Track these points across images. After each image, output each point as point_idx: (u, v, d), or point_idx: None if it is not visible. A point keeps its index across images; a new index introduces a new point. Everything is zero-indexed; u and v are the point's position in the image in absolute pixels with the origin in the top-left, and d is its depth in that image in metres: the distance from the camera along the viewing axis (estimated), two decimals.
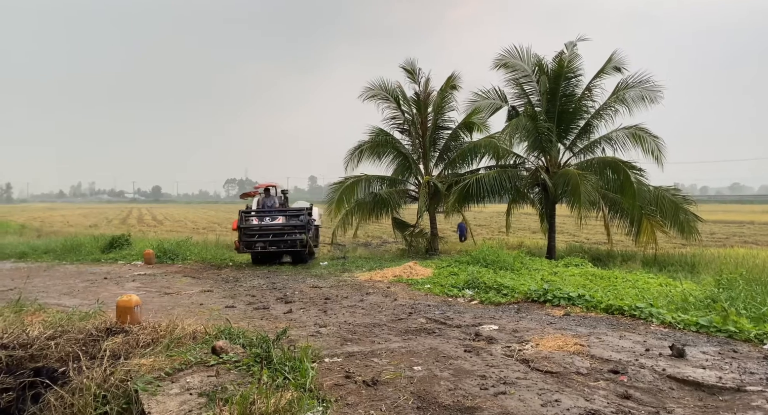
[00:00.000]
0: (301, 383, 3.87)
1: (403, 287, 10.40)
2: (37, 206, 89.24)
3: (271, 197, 15.80)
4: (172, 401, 3.44)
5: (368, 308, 8.20)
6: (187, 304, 8.81)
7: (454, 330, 6.51)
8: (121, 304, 5.55)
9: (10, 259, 16.73)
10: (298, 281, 11.34)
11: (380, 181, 17.88)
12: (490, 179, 15.38)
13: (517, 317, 7.41)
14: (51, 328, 4.90)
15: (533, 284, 9.22)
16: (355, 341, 5.95)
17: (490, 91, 16.86)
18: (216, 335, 5.04)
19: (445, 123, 17.89)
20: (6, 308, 6.13)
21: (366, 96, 17.74)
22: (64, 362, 4.18)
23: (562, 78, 15.47)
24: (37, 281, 11.72)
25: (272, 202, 15.65)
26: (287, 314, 7.83)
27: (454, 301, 8.93)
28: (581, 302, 7.92)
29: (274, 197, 15.85)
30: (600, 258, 15.62)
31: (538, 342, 5.73)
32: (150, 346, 4.56)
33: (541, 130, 15.38)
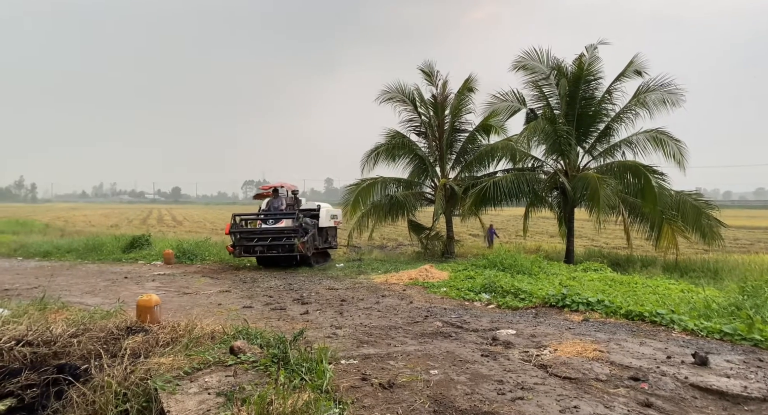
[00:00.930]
0: (318, 384, 3.88)
1: (419, 290, 10.37)
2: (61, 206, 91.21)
3: (279, 198, 15.21)
4: (190, 400, 3.48)
5: (384, 310, 8.19)
6: (205, 304, 8.90)
7: (470, 334, 6.47)
8: (142, 303, 5.62)
9: (35, 257, 17.11)
10: (315, 283, 11.38)
11: (396, 184, 17.89)
12: (507, 182, 15.28)
13: (534, 321, 7.34)
14: (74, 326, 4.99)
15: (551, 289, 9.11)
16: (371, 343, 5.94)
17: (508, 94, 16.78)
18: (234, 335, 5.08)
19: (462, 125, 17.86)
20: (31, 305, 6.26)
21: (383, 99, 17.80)
22: (86, 359, 4.25)
23: (581, 81, 15.32)
24: (60, 280, 11.96)
25: (279, 203, 15.03)
26: (304, 315, 7.87)
27: (471, 305, 8.87)
28: (600, 307, 7.81)
29: (282, 198, 15.26)
30: (619, 263, 15.41)
31: (557, 347, 5.66)
32: (169, 345, 4.62)
33: (560, 133, 15.24)
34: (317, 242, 14.56)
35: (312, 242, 13.97)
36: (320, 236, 14.85)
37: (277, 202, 15.02)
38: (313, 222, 14.59)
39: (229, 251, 14.40)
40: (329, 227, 15.44)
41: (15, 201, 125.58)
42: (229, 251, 14.40)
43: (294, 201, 15.46)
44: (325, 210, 15.29)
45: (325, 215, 15.11)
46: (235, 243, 13.97)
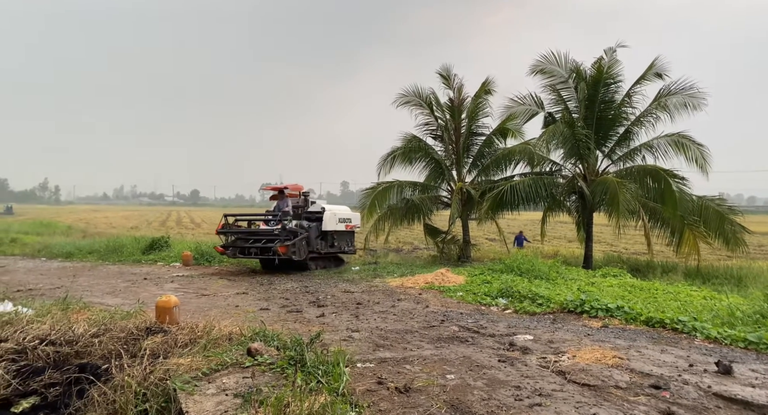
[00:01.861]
0: (334, 387, 3.88)
1: (435, 294, 10.33)
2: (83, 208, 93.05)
3: (284, 200, 14.74)
4: (208, 401, 3.51)
5: (400, 314, 8.17)
6: (223, 305, 8.99)
7: (487, 339, 6.42)
8: (161, 304, 5.69)
9: (58, 258, 17.47)
10: (331, 286, 11.41)
11: (412, 187, 17.87)
12: (525, 186, 15.16)
13: (552, 327, 7.25)
14: (95, 326, 5.08)
15: (569, 294, 9.00)
16: (387, 347, 5.93)
17: (526, 97, 16.67)
18: (251, 336, 5.12)
19: (479, 129, 17.78)
20: (54, 305, 6.39)
21: (400, 102, 17.81)
22: (106, 359, 4.32)
23: (601, 84, 15.15)
24: (82, 280, 12.19)
25: (285, 204, 14.58)
26: (320, 317, 7.89)
27: (487, 309, 8.81)
28: (620, 313, 7.69)
29: (288, 200, 14.77)
30: (639, 269, 15.17)
31: (575, 354, 5.58)
32: (188, 346, 4.67)
33: (579, 136, 15.08)
34: (318, 246, 14.02)
35: (303, 247, 13.33)
36: (323, 241, 14.30)
37: (282, 203, 14.69)
38: (310, 225, 13.96)
39: (218, 251, 14.17)
40: (338, 231, 14.70)
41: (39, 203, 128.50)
42: (218, 251, 14.17)
43: (304, 202, 14.99)
44: (331, 213, 14.51)
45: (330, 219, 14.38)
46: (227, 244, 13.73)
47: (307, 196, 15.24)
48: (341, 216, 14.88)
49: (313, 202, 15.18)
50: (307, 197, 15.20)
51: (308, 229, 13.76)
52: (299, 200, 15.12)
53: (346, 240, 15.31)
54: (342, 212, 15.21)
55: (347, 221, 15.15)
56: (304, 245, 13.44)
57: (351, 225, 15.29)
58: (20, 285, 11.09)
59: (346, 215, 15.20)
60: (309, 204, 14.96)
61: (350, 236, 15.49)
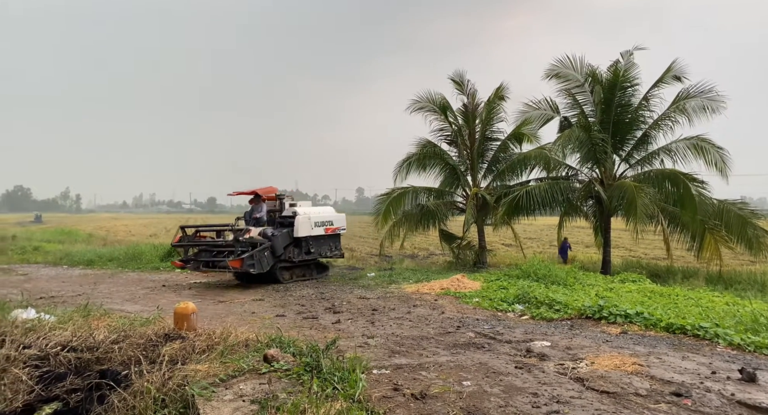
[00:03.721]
0: (350, 394, 3.89)
1: (451, 300, 10.28)
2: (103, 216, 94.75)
3: (258, 205, 13.60)
4: (226, 407, 3.54)
5: (415, 320, 8.15)
6: (239, 312, 9.06)
7: (504, 345, 6.37)
8: (179, 311, 5.76)
9: (79, 266, 17.80)
10: (346, 292, 11.43)
11: (427, 193, 17.86)
12: (540, 191, 15.06)
13: (570, 333, 7.17)
14: (115, 332, 5.16)
15: (587, 300, 8.89)
16: (403, 353, 5.92)
17: (541, 102, 16.59)
18: (267, 343, 5.15)
19: (493, 134, 17.74)
20: (75, 312, 6.51)
21: (413, 108, 17.85)
22: (126, 365, 4.39)
23: (617, 88, 15.01)
24: (102, 287, 12.40)
25: (258, 210, 13.48)
26: (335, 324, 7.91)
27: (504, 316, 8.75)
28: (639, 319, 7.57)
29: (261, 204, 13.60)
30: (659, 274, 14.94)
31: (593, 360, 5.51)
32: (205, 352, 4.72)
33: (595, 141, 14.96)
34: (291, 254, 12.89)
35: (265, 258, 11.99)
36: (297, 248, 13.09)
37: (256, 208, 13.57)
38: (278, 233, 12.62)
39: (176, 265, 12.99)
40: (315, 236, 13.41)
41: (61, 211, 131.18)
42: (176, 265, 12.99)
43: (280, 206, 13.72)
44: (304, 218, 13.10)
45: (303, 223, 13.01)
46: (187, 257, 12.71)
47: (283, 200, 13.88)
48: (318, 219, 13.58)
49: (293, 204, 13.81)
50: (283, 201, 13.86)
51: (273, 237, 12.39)
52: (275, 204, 13.94)
53: (329, 245, 14.08)
54: (319, 214, 13.90)
55: (327, 224, 13.87)
56: (267, 255, 12.10)
57: (332, 228, 14.02)
58: (43, 292, 11.32)
59: (326, 218, 13.95)
60: (284, 208, 13.73)
61: (333, 239, 14.24)
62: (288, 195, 14.68)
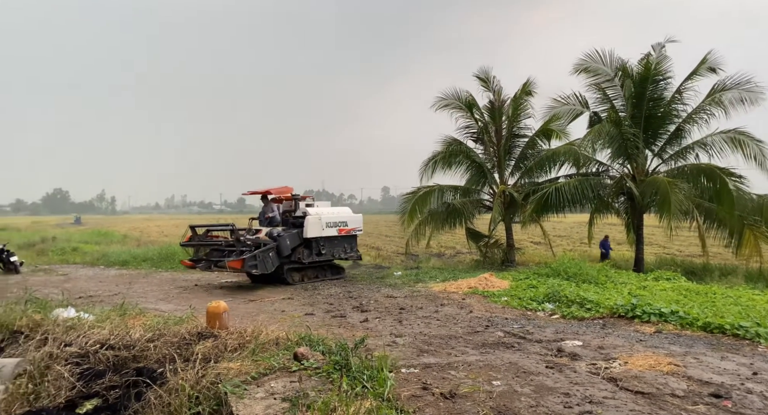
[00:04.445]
0: (380, 392, 3.90)
1: (479, 299, 10.21)
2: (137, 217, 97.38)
3: (269, 205, 13.55)
4: (257, 404, 3.60)
5: (443, 319, 8.12)
6: (269, 310, 9.20)
7: (534, 345, 6.29)
8: (211, 310, 5.88)
9: (115, 266, 18.34)
10: (373, 291, 11.47)
11: (453, 191, 17.76)
12: (570, 188, 14.81)
13: (602, 332, 7.03)
14: (150, 331, 5.31)
15: (620, 299, 8.71)
16: (432, 352, 5.91)
17: (570, 97, 16.30)
18: (297, 341, 5.21)
19: (520, 131, 17.54)
20: (112, 311, 6.72)
21: (438, 106, 17.78)
22: (161, 363, 4.51)
23: (649, 81, 14.65)
24: (137, 287, 12.75)
25: (269, 210, 13.46)
26: (363, 322, 7.94)
27: (534, 315, 8.64)
28: (674, 318, 7.37)
29: (272, 204, 13.58)
30: (694, 272, 14.52)
31: (627, 360, 5.39)
32: (237, 350, 4.81)
33: (627, 136, 14.62)
34: (300, 255, 12.66)
35: (269, 259, 11.76)
36: (307, 249, 12.84)
37: (267, 209, 13.54)
38: (286, 233, 12.44)
39: (185, 265, 12.83)
40: (326, 237, 13.16)
41: (97, 213, 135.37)
42: (185, 265, 12.83)
43: (295, 207, 13.52)
44: (314, 218, 12.86)
45: (313, 224, 12.77)
46: (197, 257, 12.56)
47: (297, 200, 13.72)
48: (330, 220, 13.27)
49: (309, 205, 13.63)
50: (297, 201, 13.69)
51: (279, 237, 12.22)
52: (291, 204, 13.75)
53: (343, 246, 13.74)
54: (333, 215, 13.60)
55: (341, 224, 13.56)
56: (272, 256, 11.86)
57: (347, 229, 13.70)
58: (81, 292, 11.71)
59: (339, 218, 13.64)
60: (297, 208, 13.54)
61: (348, 241, 13.91)
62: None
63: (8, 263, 15.99)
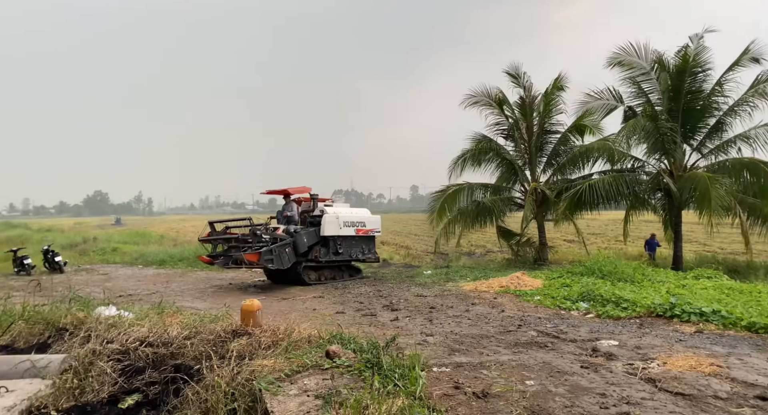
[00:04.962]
0: (411, 391, 3.90)
1: (511, 298, 10.09)
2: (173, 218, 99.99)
3: (289, 204, 13.68)
4: (291, 401, 3.65)
5: (474, 318, 8.06)
6: (301, 309, 9.31)
7: (568, 344, 6.18)
8: (245, 308, 5.98)
9: (153, 265, 18.91)
10: (403, 290, 11.47)
11: (483, 189, 17.59)
12: (604, 185, 14.48)
13: (639, 332, 6.85)
14: (187, 329, 5.44)
15: (657, 298, 8.47)
16: (463, 351, 5.88)
17: (603, 92, 15.93)
18: (329, 339, 5.26)
19: (552, 127, 17.24)
20: (151, 310, 6.92)
21: (468, 103, 17.64)
22: (198, 360, 4.62)
23: (686, 73, 14.18)
24: (174, 286, 13.11)
25: (289, 209, 13.53)
26: (393, 321, 7.96)
27: (567, 314, 8.48)
28: (716, 318, 7.12)
29: (291, 204, 13.70)
30: (737, 270, 13.99)
31: (666, 360, 5.24)
32: (270, 348, 4.88)
33: (663, 130, 14.19)
34: (317, 254, 12.69)
35: (285, 255, 11.78)
36: (324, 247, 12.86)
37: (287, 208, 13.63)
38: (304, 231, 12.50)
39: (203, 260, 12.90)
40: (344, 237, 13.19)
41: (135, 214, 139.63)
42: (203, 260, 12.90)
43: (314, 206, 13.62)
44: (332, 217, 12.91)
45: (330, 222, 12.82)
46: (216, 253, 12.61)
47: (316, 200, 13.79)
48: (348, 219, 13.27)
49: (328, 205, 13.69)
50: (316, 201, 13.76)
51: (296, 234, 12.24)
52: (310, 205, 13.85)
53: (361, 247, 13.70)
54: (351, 215, 13.62)
55: (358, 224, 13.51)
56: (288, 252, 11.87)
57: (365, 230, 13.63)
58: (122, 291, 12.12)
59: (357, 219, 13.63)
60: (315, 208, 13.60)
61: (366, 242, 13.86)
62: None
63: (53, 262, 16.69)
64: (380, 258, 19.27)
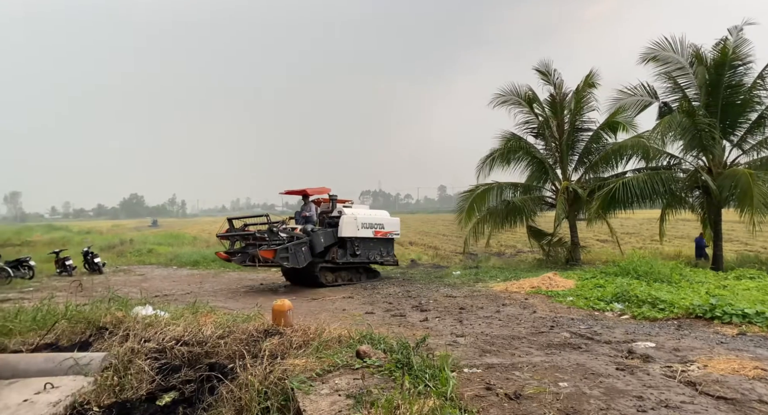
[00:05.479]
0: (442, 391, 3.88)
1: (543, 298, 9.93)
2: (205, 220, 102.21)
3: (307, 204, 13.56)
4: (323, 400, 3.68)
5: (505, 319, 7.97)
6: (331, 309, 9.38)
7: (602, 346, 6.05)
8: (276, 308, 6.07)
9: (186, 266, 19.36)
10: (432, 290, 11.43)
11: (513, 188, 17.36)
12: (639, 183, 14.11)
13: (677, 334, 6.65)
14: (220, 328, 5.55)
15: (696, 298, 8.20)
16: (494, 352, 5.81)
17: (637, 88, 15.55)
18: (359, 339, 5.28)
19: (583, 124, 16.90)
20: (186, 309, 7.08)
21: (497, 102, 17.46)
22: (231, 359, 4.70)
23: (726, 67, 13.69)
24: (207, 286, 13.40)
25: (308, 209, 13.40)
26: (423, 322, 7.94)
27: (601, 315, 8.30)
28: (760, 320, 6.85)
29: (310, 204, 13.57)
30: None
31: (707, 363, 5.07)
32: (302, 348, 4.93)
33: (701, 126, 13.73)
34: (334, 255, 12.59)
35: (301, 253, 11.69)
36: (342, 249, 12.76)
37: (306, 208, 13.52)
38: (321, 231, 12.45)
39: (221, 257, 12.79)
40: (361, 238, 13.06)
41: (169, 216, 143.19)
42: (221, 257, 12.79)
43: (332, 207, 13.53)
44: (349, 218, 12.86)
45: (348, 223, 12.74)
46: (233, 249, 12.45)
47: (335, 201, 13.68)
48: (366, 221, 13.16)
49: (347, 206, 13.68)
50: (334, 202, 13.66)
51: (313, 233, 12.16)
52: (329, 206, 13.74)
53: (379, 249, 13.56)
54: (369, 216, 13.50)
55: (376, 226, 13.35)
56: (304, 251, 11.79)
57: (383, 232, 13.46)
58: (157, 291, 12.45)
59: (375, 220, 13.49)
60: (334, 209, 13.53)
61: (384, 244, 13.70)
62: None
63: (93, 264, 17.29)
64: (411, 259, 19.29)
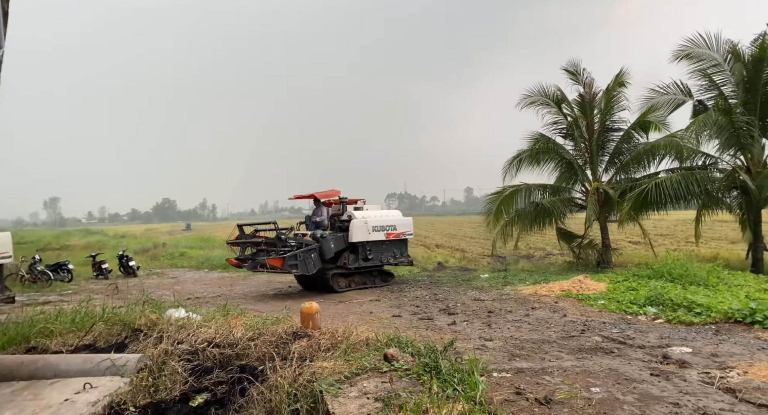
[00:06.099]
0: (471, 395, 3.86)
1: (573, 302, 9.76)
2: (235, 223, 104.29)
3: (319, 208, 13.45)
4: (352, 403, 3.70)
5: (535, 323, 7.86)
6: (358, 312, 9.43)
7: (636, 351, 5.90)
8: (305, 310, 6.13)
9: (217, 269, 19.71)
10: (459, 293, 11.36)
11: (542, 190, 17.11)
12: (673, 183, 13.71)
13: (715, 339, 6.44)
14: (250, 330, 5.64)
15: (735, 302, 7.93)
16: (524, 357, 5.74)
17: (670, 86, 15.14)
18: (386, 342, 5.28)
19: (614, 124, 16.56)
20: (217, 312, 7.23)
21: (524, 103, 17.26)
22: (261, 361, 4.77)
23: (765, 63, 13.22)
24: (237, 289, 13.63)
25: (318, 213, 13.30)
26: (451, 325, 7.90)
27: (634, 319, 8.10)
28: None
29: (321, 208, 13.45)
30: None
31: (747, 370, 4.90)
32: (330, 350, 4.97)
33: (738, 124, 13.28)
34: (346, 260, 12.43)
35: (311, 260, 11.56)
36: (353, 254, 12.56)
37: (317, 212, 13.37)
38: (331, 236, 12.27)
39: (231, 263, 12.78)
40: (373, 242, 12.81)
41: (200, 220, 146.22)
42: (231, 263, 12.78)
43: (342, 210, 13.34)
44: (360, 222, 12.59)
45: (358, 228, 12.50)
46: (244, 256, 12.49)
47: (345, 203, 13.44)
48: (377, 224, 12.89)
49: (358, 208, 13.47)
50: (345, 204, 13.43)
51: (322, 239, 11.97)
52: (339, 208, 13.52)
53: (392, 251, 13.32)
54: (380, 218, 13.24)
55: (388, 228, 13.14)
56: (314, 258, 11.65)
57: (395, 233, 13.26)
58: (189, 294, 12.72)
59: (387, 222, 13.25)
60: (344, 212, 13.30)
61: (397, 246, 13.47)
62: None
63: (128, 267, 17.81)
64: (438, 262, 19.18)
